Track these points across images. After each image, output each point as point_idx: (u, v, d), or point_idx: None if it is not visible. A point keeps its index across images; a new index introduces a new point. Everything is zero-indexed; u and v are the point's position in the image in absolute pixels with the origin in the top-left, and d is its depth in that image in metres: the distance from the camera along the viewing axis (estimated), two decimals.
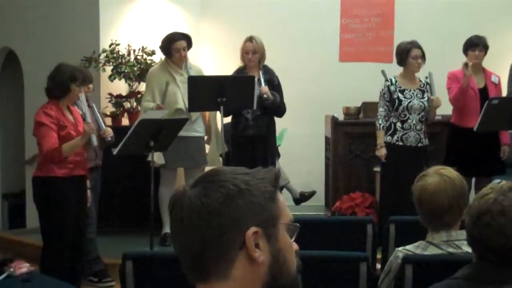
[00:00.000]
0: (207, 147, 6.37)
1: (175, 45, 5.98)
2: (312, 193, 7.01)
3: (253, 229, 1.33)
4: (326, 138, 7.14)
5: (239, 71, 6.14)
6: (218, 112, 5.92)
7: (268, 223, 1.35)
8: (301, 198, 6.96)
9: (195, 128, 6.12)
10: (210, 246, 1.33)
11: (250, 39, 6.06)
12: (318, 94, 7.62)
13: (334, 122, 6.77)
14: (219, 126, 6.06)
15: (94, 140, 4.86)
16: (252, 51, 6.02)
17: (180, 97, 5.97)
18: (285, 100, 6.17)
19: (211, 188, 1.34)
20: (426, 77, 5.90)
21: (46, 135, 4.69)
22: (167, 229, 6.08)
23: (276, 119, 6.22)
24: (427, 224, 2.82)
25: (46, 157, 4.70)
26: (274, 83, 6.08)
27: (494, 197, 2.09)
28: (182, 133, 5.56)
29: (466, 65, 5.85)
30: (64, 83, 4.76)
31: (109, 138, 5.27)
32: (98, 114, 5.36)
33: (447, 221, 2.75)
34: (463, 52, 6.06)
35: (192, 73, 5.93)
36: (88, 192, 5.06)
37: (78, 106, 5.14)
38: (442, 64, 6.32)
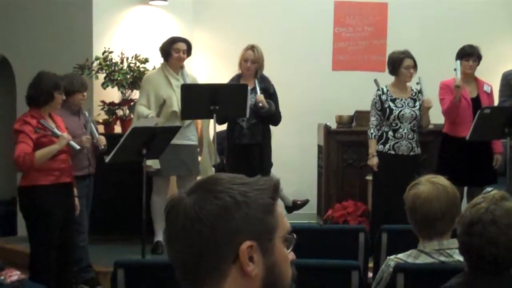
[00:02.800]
0: (199, 158, 6.37)
1: (176, 45, 6.02)
2: (305, 202, 7.01)
3: (247, 243, 1.30)
4: (319, 147, 7.15)
5: (235, 78, 6.14)
6: (211, 122, 5.91)
7: (263, 237, 1.33)
8: (293, 207, 6.96)
9: (189, 137, 6.12)
10: (203, 257, 1.32)
11: (252, 47, 6.05)
12: (311, 102, 7.64)
13: (327, 131, 6.78)
14: (212, 134, 6.06)
15: (75, 145, 4.84)
16: (252, 60, 6.02)
17: (175, 101, 5.97)
18: (279, 108, 6.17)
19: (207, 198, 1.32)
20: (417, 83, 5.91)
21: (21, 141, 4.62)
22: (159, 238, 6.08)
23: (270, 127, 6.23)
24: (419, 232, 2.83)
25: (16, 161, 4.59)
26: (269, 92, 6.08)
27: (485, 206, 2.10)
28: (175, 141, 5.57)
29: (457, 87, 5.85)
30: (48, 91, 4.73)
31: (102, 147, 5.29)
32: (91, 123, 5.37)
33: (440, 229, 2.76)
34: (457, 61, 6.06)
35: (188, 81, 5.95)
36: (76, 200, 5.03)
37: (85, 118, 5.22)
38: (434, 74, 6.34)
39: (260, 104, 5.88)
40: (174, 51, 6.02)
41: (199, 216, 1.31)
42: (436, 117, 6.18)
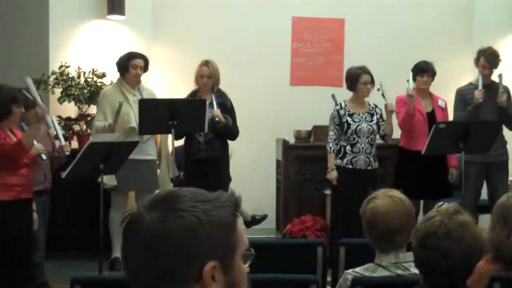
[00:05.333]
0: (158, 171, 6.34)
1: (134, 61, 6.02)
2: (264, 217, 7.01)
3: (211, 263, 1.29)
4: (277, 161, 7.17)
5: (192, 94, 6.14)
6: (169, 136, 5.90)
7: (225, 255, 1.33)
8: (252, 221, 6.96)
9: (148, 151, 6.10)
10: (165, 278, 1.30)
11: (206, 63, 6.07)
12: (269, 117, 7.66)
13: (285, 146, 6.80)
14: (170, 149, 6.04)
15: (44, 156, 4.82)
16: (207, 76, 6.03)
17: (133, 117, 5.95)
18: (237, 123, 6.19)
19: (170, 217, 1.29)
20: (378, 89, 5.99)
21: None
22: (116, 254, 6.02)
23: (228, 141, 6.23)
24: (377, 246, 2.85)
25: (13, 153, 4.62)
26: (227, 106, 6.10)
27: (439, 220, 2.14)
28: (134, 156, 5.54)
29: (410, 96, 5.96)
30: (4, 105, 4.67)
31: (67, 153, 5.31)
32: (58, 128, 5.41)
33: (398, 242, 2.79)
34: (413, 77, 6.17)
35: (145, 96, 5.93)
36: (35, 215, 4.96)
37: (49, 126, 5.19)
38: (391, 89, 6.40)
39: (217, 119, 5.89)
40: (132, 67, 6.01)
41: (163, 236, 1.29)
42: (393, 132, 6.26)
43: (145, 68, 6.13)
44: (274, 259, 3.62)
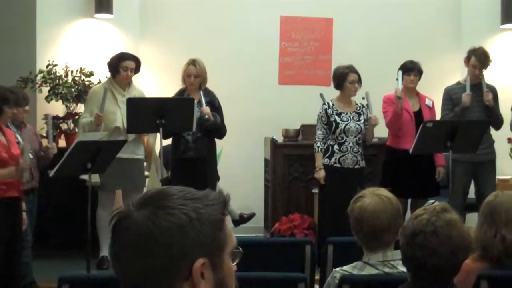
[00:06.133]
0: (146, 173, 6.33)
1: (125, 63, 6.00)
2: (252, 215, 7.02)
3: (200, 260, 1.30)
4: (266, 160, 7.18)
5: (180, 93, 6.14)
6: (157, 137, 5.88)
7: (214, 253, 1.33)
8: (240, 220, 6.96)
9: (135, 151, 6.09)
10: (154, 275, 1.30)
11: (193, 62, 6.05)
12: (257, 116, 7.66)
13: (274, 144, 6.81)
14: (158, 148, 6.03)
15: (30, 155, 4.78)
16: (195, 75, 6.02)
17: (120, 117, 5.94)
18: (225, 122, 6.19)
19: (160, 215, 1.30)
20: (363, 98, 6.01)
21: None
22: (104, 252, 6.01)
23: (216, 140, 6.23)
24: (365, 244, 2.86)
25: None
26: (215, 105, 6.09)
27: (427, 218, 2.15)
28: (121, 155, 5.52)
29: (398, 98, 5.98)
30: None
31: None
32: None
33: (385, 241, 2.80)
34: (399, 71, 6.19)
35: (136, 96, 5.92)
36: (24, 214, 4.94)
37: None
38: (378, 88, 6.43)
39: (206, 117, 5.89)
40: (122, 69, 5.99)
41: (153, 233, 1.29)
42: (380, 130, 6.28)
43: (136, 70, 6.11)
44: (263, 257, 3.62)
